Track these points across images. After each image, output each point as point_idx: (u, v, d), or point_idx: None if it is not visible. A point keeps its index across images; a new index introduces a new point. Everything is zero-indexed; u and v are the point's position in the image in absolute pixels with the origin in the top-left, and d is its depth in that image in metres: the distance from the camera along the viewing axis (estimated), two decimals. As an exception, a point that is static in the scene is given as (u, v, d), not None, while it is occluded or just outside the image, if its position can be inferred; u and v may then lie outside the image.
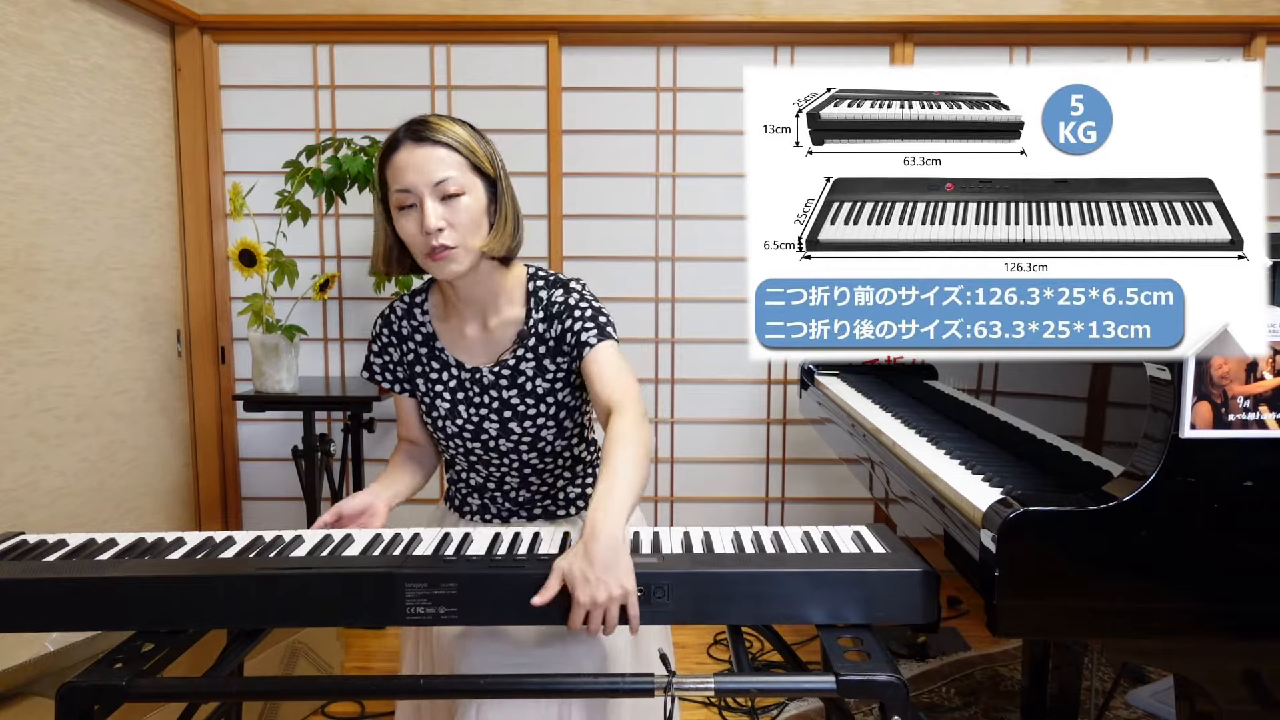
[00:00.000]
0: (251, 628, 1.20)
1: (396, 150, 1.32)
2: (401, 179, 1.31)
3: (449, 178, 1.30)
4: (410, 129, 1.33)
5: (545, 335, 1.44)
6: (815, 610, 1.10)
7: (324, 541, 1.29)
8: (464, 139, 1.34)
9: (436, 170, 1.30)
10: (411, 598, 1.12)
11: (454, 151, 1.32)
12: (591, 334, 1.40)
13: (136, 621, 1.15)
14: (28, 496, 2.36)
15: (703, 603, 1.11)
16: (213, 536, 1.31)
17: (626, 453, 1.24)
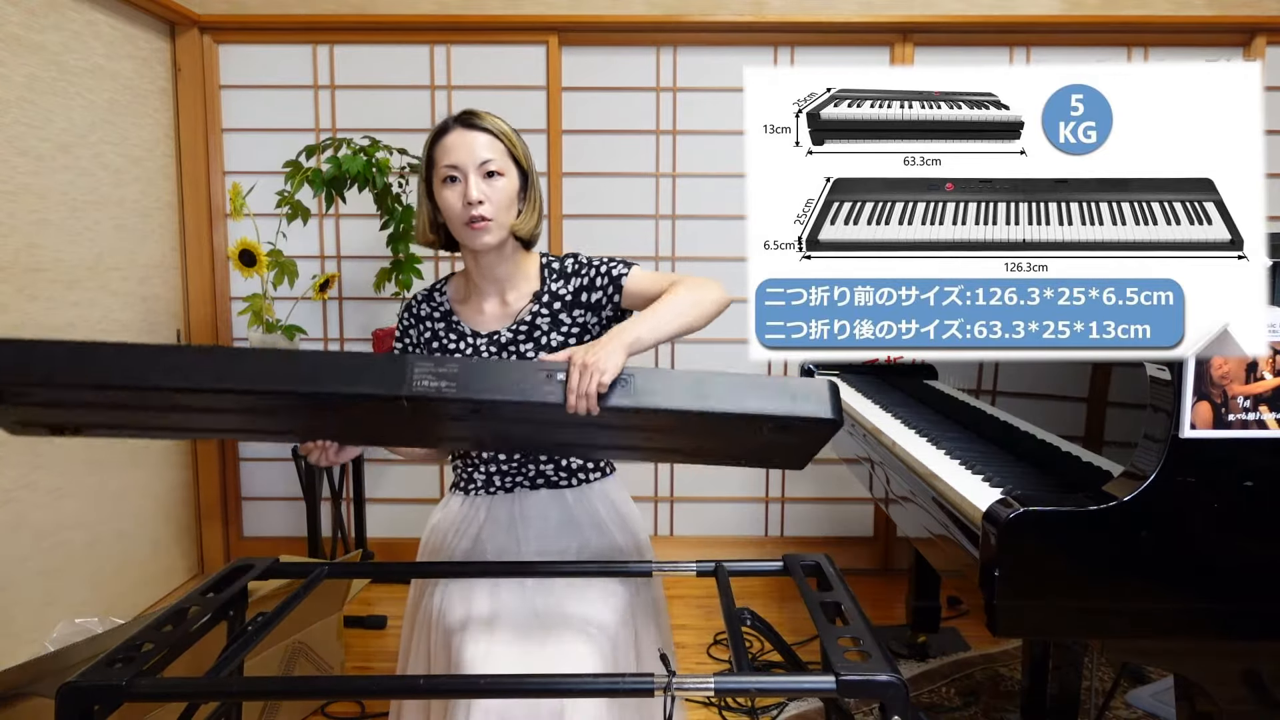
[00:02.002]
0: (269, 390, 1.22)
1: (447, 133, 1.50)
2: (450, 156, 1.48)
3: (491, 159, 1.48)
4: (460, 117, 1.51)
5: (560, 293, 1.57)
6: (748, 401, 1.27)
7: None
8: (505, 131, 1.52)
9: (481, 152, 1.48)
10: (419, 373, 1.23)
11: (496, 139, 1.50)
12: (618, 266, 1.56)
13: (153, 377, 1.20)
14: (28, 496, 2.36)
15: (659, 393, 1.28)
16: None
17: (665, 301, 1.46)
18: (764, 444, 1.42)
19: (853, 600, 1.22)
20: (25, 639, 2.29)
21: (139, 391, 1.25)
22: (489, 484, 1.62)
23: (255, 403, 1.28)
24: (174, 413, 1.33)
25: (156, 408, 1.31)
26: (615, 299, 1.55)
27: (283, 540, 3.24)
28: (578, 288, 1.57)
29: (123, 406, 1.31)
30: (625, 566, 1.45)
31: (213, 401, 1.27)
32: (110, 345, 1.25)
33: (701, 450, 1.49)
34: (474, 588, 1.44)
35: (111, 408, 1.32)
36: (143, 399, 1.27)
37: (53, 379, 1.23)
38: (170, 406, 1.30)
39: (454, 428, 1.38)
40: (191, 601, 1.25)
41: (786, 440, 1.41)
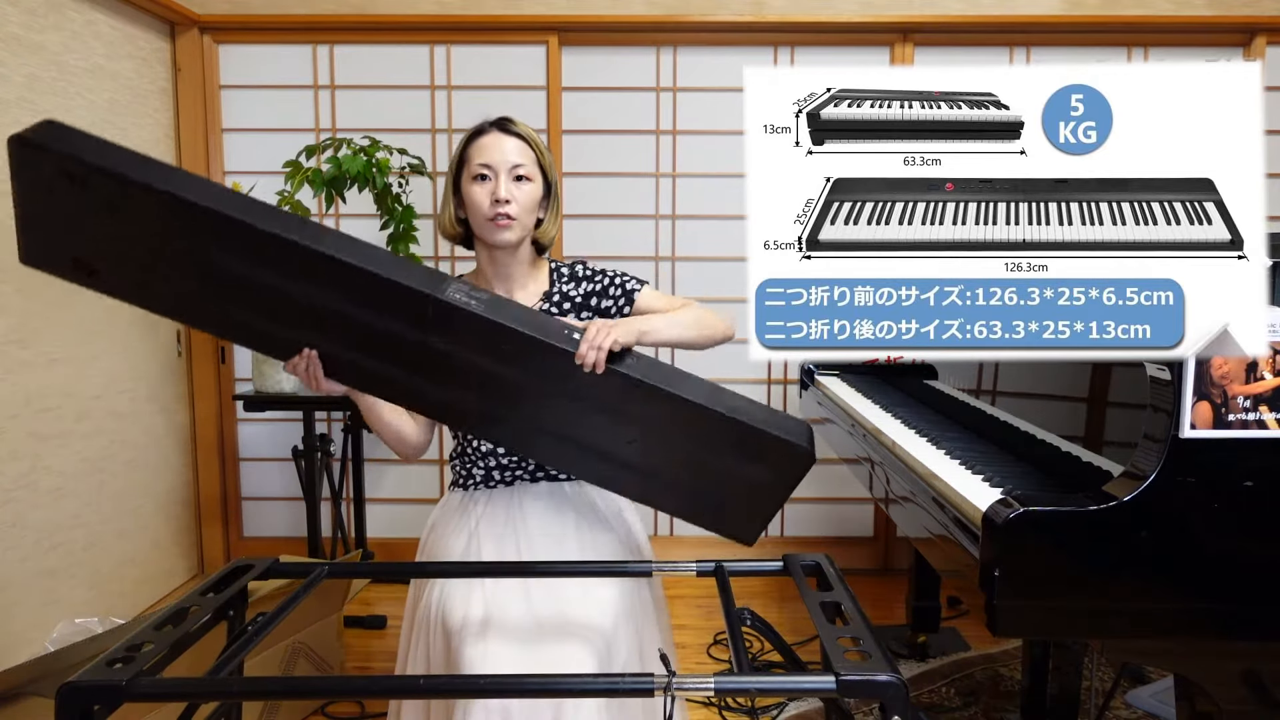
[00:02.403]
0: (316, 251, 1.28)
1: (483, 135, 1.58)
2: (484, 156, 1.56)
3: (522, 164, 1.57)
4: (497, 121, 1.60)
5: (570, 294, 1.65)
6: (737, 407, 1.41)
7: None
8: (536, 140, 1.61)
9: (513, 155, 1.56)
10: (454, 288, 1.33)
11: (528, 146, 1.59)
12: (632, 282, 1.66)
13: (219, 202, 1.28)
14: (28, 496, 2.36)
15: (659, 378, 1.40)
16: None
17: (677, 312, 1.59)
18: (734, 475, 1.48)
19: (853, 600, 1.22)
20: (25, 639, 2.29)
21: (193, 224, 1.29)
22: (488, 479, 1.63)
23: (291, 272, 1.33)
24: (207, 275, 1.35)
25: (193, 259, 1.34)
26: (626, 311, 1.64)
27: (283, 540, 3.24)
28: (588, 292, 1.65)
29: (162, 249, 1.34)
30: (625, 566, 1.45)
31: (251, 263, 1.32)
32: (182, 171, 1.33)
33: (671, 468, 1.51)
34: (475, 588, 1.44)
35: (150, 244, 1.34)
36: (190, 238, 1.31)
37: (126, 173, 1.27)
38: (207, 262, 1.33)
39: (457, 372, 1.41)
40: (191, 601, 1.25)
41: (756, 476, 1.47)
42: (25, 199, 1.35)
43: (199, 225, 1.30)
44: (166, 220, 1.31)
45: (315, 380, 1.42)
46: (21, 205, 1.35)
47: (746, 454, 1.46)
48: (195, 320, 1.51)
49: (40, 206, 1.35)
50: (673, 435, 1.46)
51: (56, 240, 1.39)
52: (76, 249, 1.39)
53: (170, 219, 1.30)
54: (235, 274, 1.35)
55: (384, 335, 1.38)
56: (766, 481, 1.50)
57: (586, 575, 1.46)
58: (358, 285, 1.34)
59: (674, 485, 1.54)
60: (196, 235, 1.32)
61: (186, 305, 1.44)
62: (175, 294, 1.41)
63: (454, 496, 1.66)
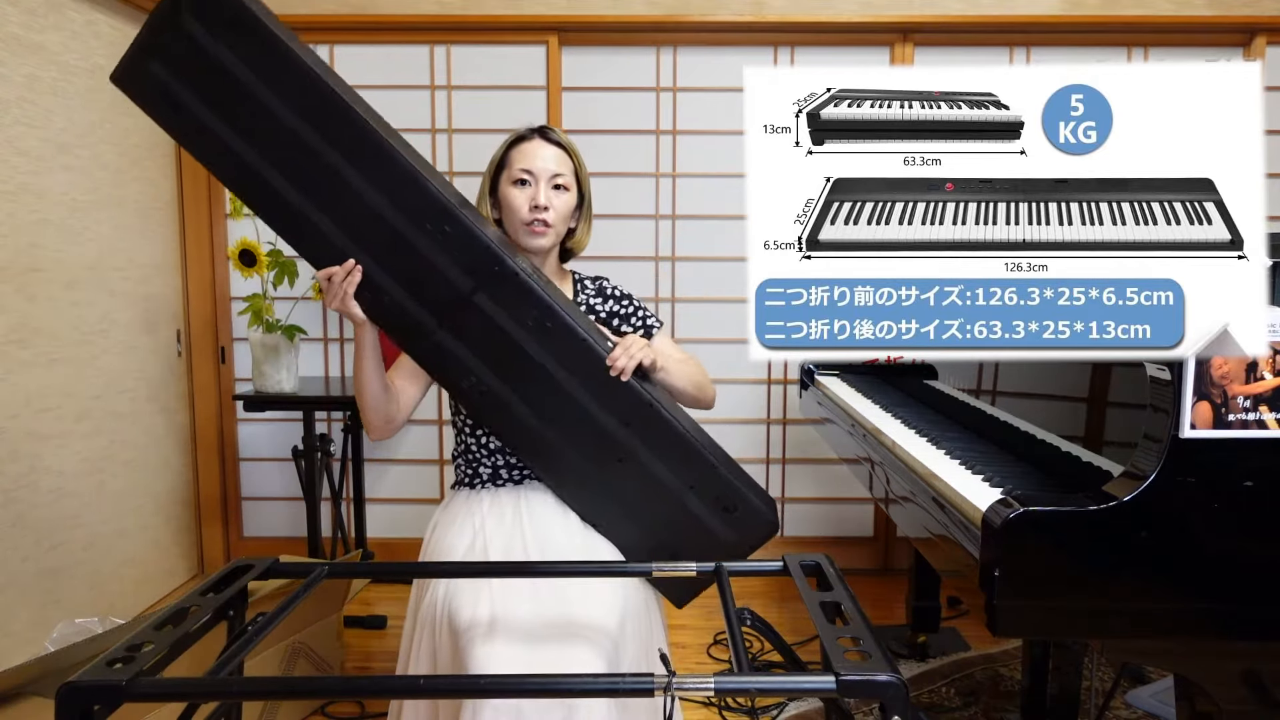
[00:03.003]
0: (402, 158, 1.40)
1: (525, 141, 1.64)
2: (526, 161, 1.61)
3: (561, 174, 1.63)
4: (540, 130, 1.65)
5: (595, 308, 1.71)
6: (728, 456, 1.55)
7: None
8: (576, 152, 1.67)
9: (555, 165, 1.62)
10: (520, 258, 1.48)
11: (568, 157, 1.65)
12: (653, 319, 1.74)
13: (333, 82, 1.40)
14: (28, 496, 2.36)
15: (670, 406, 1.54)
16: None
17: (688, 363, 1.67)
18: (700, 523, 1.55)
19: (853, 600, 1.22)
20: (25, 639, 2.29)
21: (320, 108, 1.37)
22: (496, 477, 1.63)
23: (378, 180, 1.40)
24: (298, 157, 1.40)
25: (295, 136, 1.39)
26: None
27: (283, 540, 3.24)
28: (612, 311, 1.72)
29: (265, 114, 1.39)
30: (625, 566, 1.45)
31: (344, 154, 1.39)
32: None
33: (643, 499, 1.55)
34: (483, 587, 1.44)
35: (254, 107, 1.39)
36: (306, 118, 1.38)
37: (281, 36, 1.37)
38: (304, 146, 1.39)
39: (487, 336, 1.46)
40: (191, 601, 1.25)
41: (720, 531, 1.55)
42: (164, 26, 1.39)
43: (325, 110, 1.38)
44: (288, 89, 1.38)
45: (344, 295, 1.44)
46: (152, 31, 1.40)
47: (723, 505, 1.54)
48: (253, 193, 1.46)
49: (172, 38, 1.38)
50: (660, 465, 1.52)
51: (164, 69, 1.40)
52: (176, 84, 1.40)
53: (297, 95, 1.38)
54: (323, 163, 1.40)
55: (436, 278, 1.44)
56: (727, 540, 1.56)
57: (587, 575, 1.46)
58: (435, 219, 1.41)
59: (636, 516, 1.56)
60: (313, 117, 1.38)
61: (253, 174, 1.43)
62: (249, 159, 1.42)
63: (458, 495, 1.66)
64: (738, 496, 1.53)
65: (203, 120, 1.41)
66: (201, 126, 1.41)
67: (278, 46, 1.38)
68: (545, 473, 1.61)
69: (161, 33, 1.39)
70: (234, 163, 1.43)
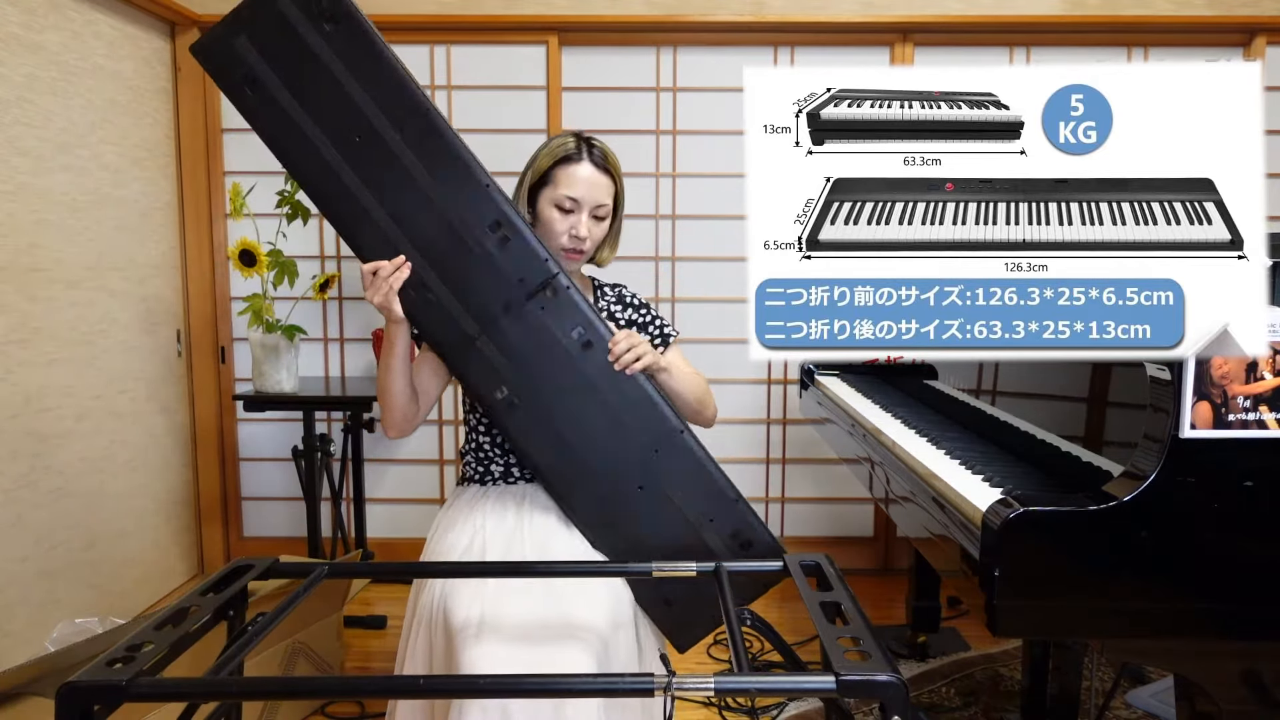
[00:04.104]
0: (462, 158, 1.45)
1: (577, 163, 1.58)
2: (573, 189, 1.57)
3: (605, 204, 1.61)
4: (593, 154, 1.59)
5: (615, 315, 1.70)
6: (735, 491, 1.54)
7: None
8: (620, 175, 1.64)
9: (600, 196, 1.59)
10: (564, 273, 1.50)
11: (614, 185, 1.62)
12: (670, 328, 1.73)
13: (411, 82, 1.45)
14: (28, 496, 2.36)
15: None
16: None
17: (694, 375, 1.66)
18: (718, 556, 1.50)
19: (853, 600, 1.22)
20: (25, 639, 2.29)
21: (403, 105, 1.43)
22: (507, 474, 1.64)
23: (450, 185, 1.44)
24: (367, 148, 1.44)
25: (374, 132, 1.43)
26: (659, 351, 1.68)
27: (283, 540, 3.24)
28: (631, 320, 1.71)
29: (341, 101, 1.43)
30: (625, 566, 1.45)
31: (418, 157, 1.44)
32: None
33: (659, 529, 1.53)
34: (478, 587, 1.44)
35: (335, 93, 1.43)
36: (392, 115, 1.43)
37: (371, 30, 1.43)
38: (374, 135, 1.43)
39: (524, 341, 1.48)
40: (191, 601, 1.25)
41: (734, 567, 1.48)
42: (260, 4, 1.44)
43: (405, 107, 1.43)
44: (371, 81, 1.43)
45: (388, 290, 1.43)
46: (248, 8, 1.45)
47: (739, 542, 1.52)
48: (311, 174, 1.48)
49: (266, 16, 1.43)
50: (681, 495, 1.51)
51: (250, 45, 1.45)
52: (260, 61, 1.45)
53: (379, 87, 1.43)
54: (393, 156, 1.44)
55: (486, 284, 1.46)
56: (738, 579, 1.48)
57: (585, 575, 1.46)
58: (496, 227, 1.45)
59: (649, 549, 1.51)
60: (392, 112, 1.43)
61: (315, 156, 1.46)
62: (314, 139, 1.45)
63: (464, 493, 1.66)
64: (754, 534, 1.52)
65: (276, 98, 1.45)
66: (272, 101, 1.45)
67: (371, 40, 1.43)
68: (562, 494, 1.56)
69: (257, 10, 1.44)
70: (297, 140, 1.46)
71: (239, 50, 1.44)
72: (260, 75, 1.44)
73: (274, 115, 1.45)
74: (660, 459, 1.51)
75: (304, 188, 1.50)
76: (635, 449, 1.50)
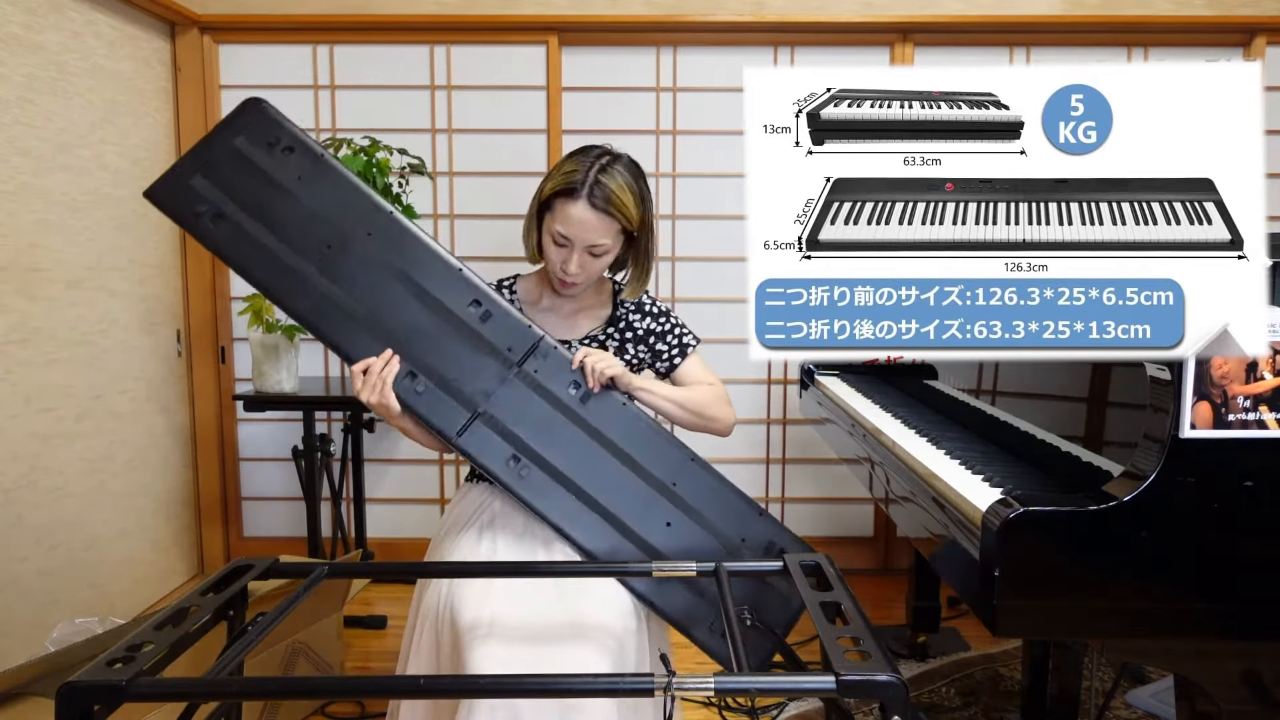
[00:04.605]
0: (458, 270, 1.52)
1: (574, 201, 1.52)
2: (566, 227, 1.53)
3: (601, 244, 1.54)
4: (593, 194, 1.52)
5: (634, 324, 1.69)
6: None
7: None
8: (630, 213, 1.55)
9: (593, 237, 1.53)
10: (547, 336, 1.53)
11: (613, 221, 1.54)
12: (689, 337, 1.73)
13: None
14: (28, 496, 2.36)
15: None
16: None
17: (683, 389, 1.65)
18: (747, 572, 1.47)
19: (853, 600, 1.22)
20: (25, 639, 2.29)
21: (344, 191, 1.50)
22: None
23: (425, 281, 1.50)
24: (335, 254, 1.50)
25: (334, 237, 1.50)
26: (676, 361, 1.71)
27: (283, 540, 3.24)
28: (649, 329, 1.70)
29: (301, 220, 1.50)
30: (625, 566, 1.45)
31: (390, 259, 1.50)
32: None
33: (701, 554, 1.50)
34: (485, 588, 1.44)
35: (292, 213, 1.50)
36: (347, 222, 1.50)
37: (321, 152, 1.52)
38: (341, 240, 1.50)
39: (532, 407, 1.51)
40: (191, 601, 1.25)
41: (780, 577, 1.46)
42: (215, 145, 1.53)
43: (362, 208, 1.51)
44: (325, 191, 1.51)
45: (382, 386, 1.45)
46: (210, 148, 1.53)
47: (775, 553, 1.51)
48: (287, 291, 1.52)
49: (220, 155, 1.52)
50: (709, 521, 1.52)
51: (207, 183, 1.52)
52: (219, 196, 1.52)
53: (339, 195, 1.51)
54: (361, 255, 1.49)
55: (476, 360, 1.50)
56: (782, 588, 1.52)
57: (588, 575, 1.46)
58: (474, 302, 1.51)
59: (695, 584, 1.50)
60: (351, 215, 1.50)
61: (288, 271, 1.50)
62: (284, 258, 1.50)
63: (472, 490, 1.65)
64: (784, 539, 1.53)
65: (242, 226, 1.51)
66: (239, 230, 1.51)
67: (319, 155, 1.53)
68: (596, 552, 1.50)
69: (210, 151, 1.53)
70: (268, 261, 1.51)
71: (198, 189, 1.52)
72: (224, 209, 1.51)
73: (242, 243, 1.51)
74: (680, 491, 1.52)
75: (281, 306, 1.54)
76: (655, 486, 1.51)
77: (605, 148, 1.59)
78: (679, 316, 1.74)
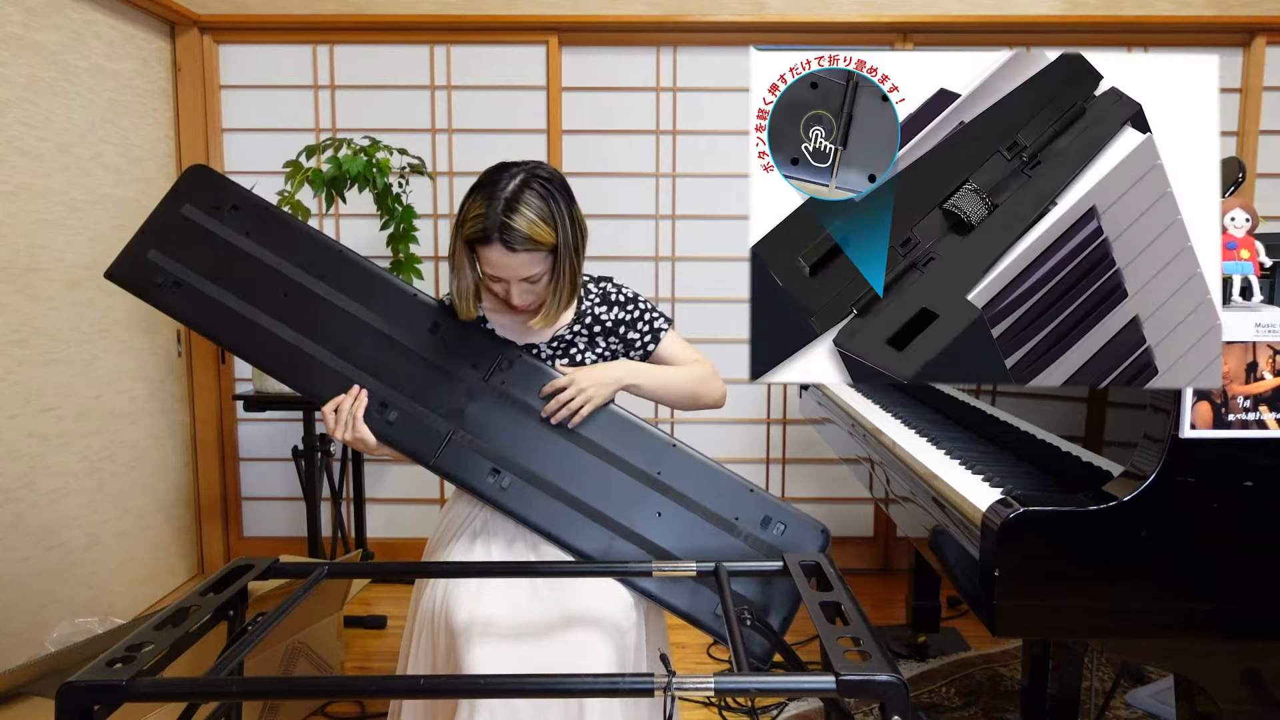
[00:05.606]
0: (416, 297, 1.57)
1: (489, 246, 1.45)
2: (492, 269, 1.49)
3: (533, 273, 1.49)
4: (504, 236, 1.43)
5: (601, 316, 1.65)
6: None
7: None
8: (547, 241, 1.47)
9: (524, 271, 1.48)
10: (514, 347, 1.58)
11: (540, 250, 1.47)
12: (660, 320, 1.67)
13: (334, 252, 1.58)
14: (28, 496, 2.36)
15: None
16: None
17: (674, 370, 1.64)
18: (764, 544, 1.51)
19: (853, 600, 1.22)
20: (25, 639, 2.29)
21: (293, 237, 1.56)
22: None
23: (382, 314, 1.54)
24: (293, 302, 1.54)
25: (286, 279, 1.55)
26: (650, 349, 1.67)
27: (283, 540, 3.24)
28: (618, 319, 1.66)
29: (260, 274, 1.55)
30: (625, 566, 1.45)
31: (350, 299, 1.54)
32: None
33: (698, 538, 1.52)
34: (481, 587, 1.44)
35: (252, 270, 1.55)
36: (302, 269, 1.55)
37: (270, 209, 1.59)
38: (295, 287, 1.55)
39: (505, 419, 1.52)
40: (191, 601, 1.25)
41: (784, 548, 1.49)
42: (164, 216, 1.59)
43: (313, 251, 1.56)
44: (276, 241, 1.56)
45: (353, 422, 1.47)
46: (159, 220, 1.60)
47: (773, 526, 1.52)
48: (253, 345, 1.57)
49: (170, 225, 1.59)
50: (699, 504, 1.52)
51: (162, 254, 1.57)
52: (176, 264, 1.57)
53: (290, 245, 1.57)
54: (317, 298, 1.54)
55: (442, 378, 1.53)
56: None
57: (586, 575, 1.45)
58: (431, 324, 1.55)
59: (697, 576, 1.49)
60: (303, 261, 1.55)
61: (251, 326, 1.55)
62: (246, 314, 1.55)
63: (460, 502, 1.65)
64: (780, 512, 1.53)
65: (201, 290, 1.56)
66: (198, 294, 1.56)
67: (264, 208, 1.59)
68: (590, 553, 1.50)
69: (160, 222, 1.59)
70: (231, 319, 1.55)
71: (154, 262, 1.56)
72: (181, 277, 1.56)
73: (203, 307, 1.55)
74: (665, 479, 1.52)
75: (250, 361, 1.60)
76: (639, 478, 1.52)
77: (508, 173, 1.47)
78: (648, 301, 1.68)
